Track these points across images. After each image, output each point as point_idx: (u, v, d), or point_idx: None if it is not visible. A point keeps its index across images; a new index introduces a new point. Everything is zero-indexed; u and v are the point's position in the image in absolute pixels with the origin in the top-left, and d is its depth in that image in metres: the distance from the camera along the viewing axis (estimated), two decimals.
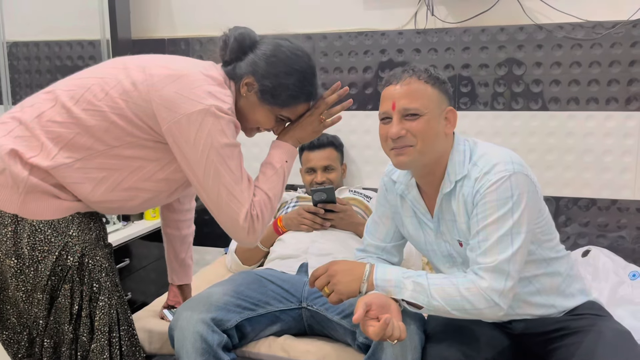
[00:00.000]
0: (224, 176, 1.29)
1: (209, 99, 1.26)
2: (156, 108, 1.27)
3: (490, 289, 1.24)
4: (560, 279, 1.42)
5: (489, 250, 1.25)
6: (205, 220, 2.74)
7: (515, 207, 1.25)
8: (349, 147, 2.44)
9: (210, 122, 1.26)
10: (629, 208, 2.17)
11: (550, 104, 2.20)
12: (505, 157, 1.29)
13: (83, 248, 1.32)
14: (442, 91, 1.34)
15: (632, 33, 2.07)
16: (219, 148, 1.27)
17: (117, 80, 1.30)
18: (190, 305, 1.49)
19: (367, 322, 1.25)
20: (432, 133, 1.31)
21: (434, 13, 2.24)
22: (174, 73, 1.29)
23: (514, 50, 2.20)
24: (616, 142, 2.15)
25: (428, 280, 1.29)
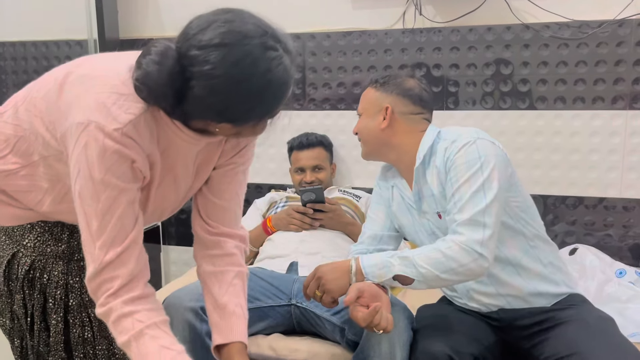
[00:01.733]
0: (82, 219, 1.03)
1: (95, 113, 0.99)
2: (57, 110, 1.06)
3: (470, 240, 1.30)
4: (542, 266, 1.46)
5: (464, 207, 1.33)
6: None
7: (484, 166, 1.35)
8: (338, 147, 2.44)
9: (84, 141, 0.99)
10: (615, 206, 2.19)
11: (538, 103, 2.21)
12: (471, 130, 1.45)
13: (34, 261, 1.21)
14: (385, 91, 1.53)
15: (618, 32, 2.09)
16: (83, 180, 1.01)
17: (48, 79, 1.12)
18: (179, 295, 1.49)
19: (356, 307, 1.28)
20: (366, 129, 1.54)
21: (422, 13, 2.25)
22: (88, 73, 1.07)
23: (502, 49, 2.22)
24: (602, 140, 2.17)
25: (412, 252, 1.35)
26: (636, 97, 2.11)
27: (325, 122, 2.45)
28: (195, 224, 1.27)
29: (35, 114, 1.11)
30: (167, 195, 1.18)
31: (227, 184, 1.24)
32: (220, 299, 1.22)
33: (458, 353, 1.31)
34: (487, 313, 1.48)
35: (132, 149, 1.02)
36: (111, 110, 1.00)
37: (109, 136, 0.99)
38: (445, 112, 2.29)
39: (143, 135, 1.04)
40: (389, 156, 1.55)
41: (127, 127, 1.00)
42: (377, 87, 1.55)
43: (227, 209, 1.25)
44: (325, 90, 2.44)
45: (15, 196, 1.19)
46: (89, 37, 2.46)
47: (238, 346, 1.19)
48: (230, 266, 1.25)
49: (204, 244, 1.26)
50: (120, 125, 0.99)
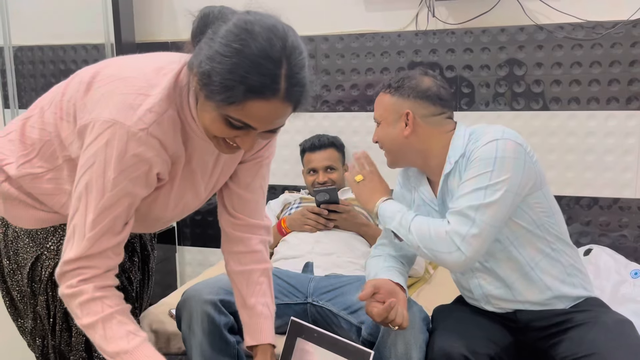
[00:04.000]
0: (81, 207, 1.06)
1: (121, 112, 1.01)
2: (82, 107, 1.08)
3: (453, 231, 1.31)
4: (562, 268, 1.44)
5: (461, 198, 1.34)
6: (209, 222, 2.77)
7: (497, 169, 1.32)
8: (351, 148, 2.45)
9: (106, 138, 1.01)
10: (631, 207, 2.18)
11: (552, 104, 2.21)
12: (499, 128, 1.39)
13: (57, 263, 1.21)
14: (402, 96, 1.46)
15: (632, 33, 2.09)
16: (94, 174, 1.04)
17: (74, 81, 1.15)
18: (199, 288, 1.51)
19: (372, 303, 1.30)
20: (387, 138, 1.48)
21: (435, 14, 2.25)
22: (115, 74, 1.09)
23: (515, 50, 2.22)
24: (617, 141, 2.17)
25: (414, 217, 1.41)
26: None
27: (339, 124, 2.47)
28: (222, 220, 1.33)
29: (61, 117, 1.14)
30: (185, 191, 1.21)
31: (253, 177, 1.29)
32: (248, 300, 1.30)
33: (474, 354, 1.32)
34: (503, 314, 1.49)
35: (155, 150, 1.04)
36: (137, 111, 1.02)
37: (133, 137, 1.01)
38: (458, 113, 2.29)
39: (167, 134, 1.06)
40: (416, 162, 1.50)
41: (152, 127, 1.02)
42: (392, 92, 1.47)
43: (253, 201, 1.31)
44: (338, 92, 2.45)
45: (41, 199, 1.22)
46: (106, 41, 2.49)
47: (263, 348, 1.29)
48: (255, 264, 1.32)
49: (230, 240, 1.33)
50: (146, 126, 1.02)
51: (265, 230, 1.35)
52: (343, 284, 1.71)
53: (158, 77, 1.07)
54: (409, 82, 1.46)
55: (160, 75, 1.08)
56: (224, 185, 1.31)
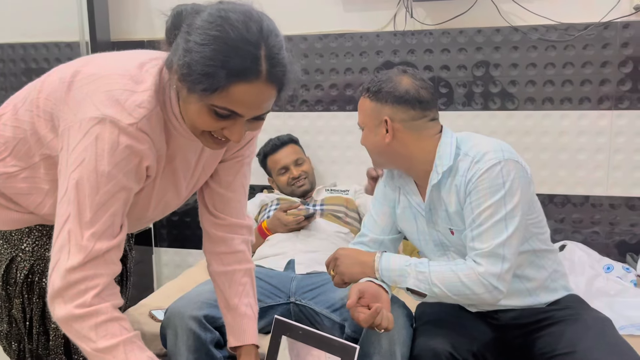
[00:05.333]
0: (73, 210, 1.00)
1: (109, 108, 1.00)
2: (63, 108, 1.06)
3: (488, 273, 1.29)
4: (547, 274, 1.46)
5: (484, 236, 1.31)
6: (186, 223, 2.74)
7: (508, 193, 1.31)
8: (329, 149, 2.47)
9: (95, 134, 0.99)
10: (602, 204, 2.25)
11: (527, 104, 2.26)
12: (495, 145, 1.35)
13: (34, 265, 1.21)
14: (378, 101, 1.40)
15: (604, 35, 2.15)
16: (85, 171, 0.99)
17: (53, 78, 1.12)
18: (181, 304, 1.50)
19: (358, 309, 1.29)
20: (369, 143, 1.45)
21: (413, 15, 2.28)
22: (97, 72, 1.06)
23: (491, 51, 2.26)
24: (589, 140, 2.23)
25: (429, 267, 1.35)
26: (621, 98, 2.17)
27: (317, 124, 2.48)
28: (203, 220, 1.31)
29: (38, 114, 1.11)
30: (167, 190, 1.20)
31: (234, 176, 1.28)
32: (231, 301, 1.29)
33: (458, 350, 1.34)
34: (485, 312, 1.51)
35: (145, 144, 1.03)
36: (125, 106, 1.00)
37: (124, 131, 0.99)
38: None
39: (155, 130, 1.05)
40: (402, 166, 1.47)
41: (141, 122, 1.01)
42: (371, 97, 1.42)
43: (234, 200, 1.30)
44: (317, 91, 2.46)
45: (15, 199, 1.19)
46: (81, 39, 2.45)
47: (247, 348, 1.29)
48: (238, 264, 1.31)
49: (212, 240, 1.31)
50: (135, 120, 1.00)
51: (247, 230, 1.34)
52: (325, 282, 1.72)
53: (142, 74, 1.06)
54: (386, 85, 1.40)
55: (144, 72, 1.07)
56: (205, 185, 1.30)
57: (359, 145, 2.41)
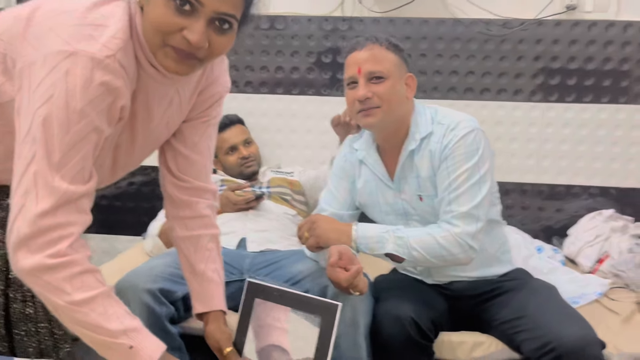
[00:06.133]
0: (40, 150, 0.90)
1: (81, 41, 0.91)
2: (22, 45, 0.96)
3: (464, 233, 1.35)
4: (498, 245, 1.54)
5: (461, 198, 1.37)
6: (115, 207, 2.61)
7: (481, 159, 1.38)
8: (273, 132, 2.45)
9: (65, 69, 0.90)
10: (532, 191, 2.39)
11: (466, 93, 2.36)
12: (465, 116, 1.45)
13: None
14: (402, 58, 1.46)
15: (537, 31, 2.29)
16: (55, 108, 0.90)
17: (6, 17, 1.02)
18: (134, 277, 1.42)
19: (336, 269, 1.29)
20: (395, 96, 1.42)
21: (360, 2, 2.32)
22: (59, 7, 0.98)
23: (435, 41, 2.34)
24: (522, 130, 2.36)
25: (407, 233, 1.38)
26: (551, 91, 2.33)
27: (262, 106, 2.45)
28: (165, 183, 1.24)
29: None
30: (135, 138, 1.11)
31: (200, 137, 1.22)
32: (197, 266, 1.23)
33: (420, 317, 1.38)
34: (440, 284, 1.56)
35: (121, 79, 0.95)
36: (98, 39, 0.92)
37: (99, 65, 0.91)
38: None
39: (130, 63, 0.97)
40: (391, 128, 1.46)
41: (119, 54, 0.93)
42: (394, 50, 1.44)
43: (199, 163, 1.23)
44: (262, 73, 2.43)
45: None
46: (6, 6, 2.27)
47: (215, 314, 1.23)
48: (203, 229, 1.25)
49: (175, 204, 1.24)
50: (112, 52, 0.92)
51: (212, 195, 1.28)
52: (280, 258, 1.70)
53: (109, 7, 0.98)
54: (402, 46, 1.47)
55: (112, 5, 0.98)
56: (168, 146, 1.23)
57: (303, 129, 2.46)
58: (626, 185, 2.34)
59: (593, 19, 2.25)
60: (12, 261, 0.93)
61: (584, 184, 2.36)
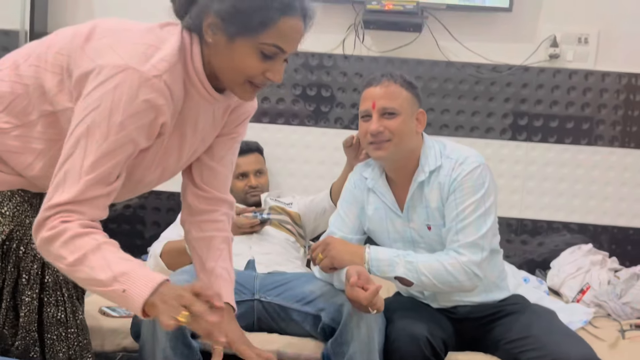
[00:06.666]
0: (78, 150, 1.01)
1: (134, 59, 1.01)
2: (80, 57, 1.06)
3: (470, 262, 1.43)
4: (497, 272, 1.64)
5: (468, 229, 1.46)
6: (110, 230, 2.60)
7: (487, 193, 1.48)
8: (272, 161, 2.52)
9: (116, 82, 1.00)
10: (516, 225, 2.52)
11: (457, 130, 2.51)
12: (473, 151, 1.55)
13: (12, 230, 1.19)
14: (414, 95, 1.56)
15: (523, 76, 2.47)
16: (98, 118, 1.00)
17: (65, 34, 1.13)
18: None
19: (354, 288, 1.36)
20: (406, 131, 1.52)
21: (362, 41, 2.45)
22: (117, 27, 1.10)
23: (429, 81, 2.49)
24: (508, 167, 2.51)
25: (417, 258, 1.46)
26: (535, 131, 2.49)
27: (262, 135, 2.52)
28: (187, 193, 1.33)
29: (46, 68, 1.10)
30: (171, 151, 1.20)
31: (227, 151, 1.33)
32: (207, 263, 1.31)
33: (433, 337, 1.45)
34: (445, 308, 1.64)
35: (164, 99, 1.04)
36: (150, 59, 1.03)
37: (146, 83, 1.01)
38: None
39: (177, 85, 1.07)
40: (401, 161, 1.55)
41: (165, 75, 1.03)
42: (407, 88, 1.54)
43: (223, 174, 1.34)
44: (264, 104, 2.53)
45: (4, 157, 1.14)
46: (21, 28, 2.32)
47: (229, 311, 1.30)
48: (217, 232, 1.34)
49: (193, 213, 1.33)
50: (160, 73, 1.03)
51: (228, 205, 1.37)
52: (290, 279, 1.75)
53: (164, 33, 1.10)
54: (415, 83, 1.57)
55: (165, 30, 1.11)
56: (196, 159, 1.32)
57: (301, 158, 2.54)
58: (602, 222, 2.50)
59: (574, 68, 2.45)
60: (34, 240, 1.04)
61: (564, 220, 2.51)
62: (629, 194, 2.48)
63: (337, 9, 2.42)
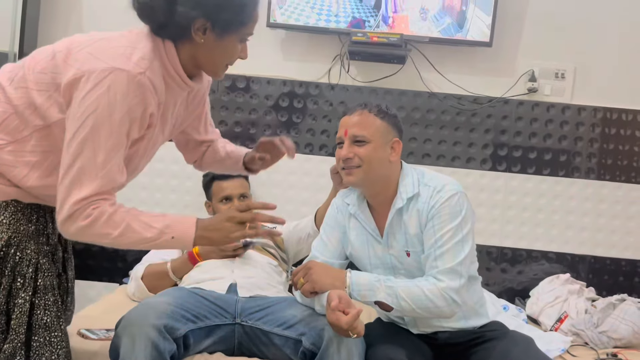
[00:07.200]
0: (86, 150, 1.16)
1: (118, 61, 1.16)
2: (64, 69, 1.19)
3: (449, 288, 1.46)
4: (476, 299, 1.67)
5: (446, 255, 1.48)
6: (91, 252, 2.60)
7: (464, 220, 1.51)
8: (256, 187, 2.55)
9: (107, 84, 1.14)
10: (497, 254, 2.56)
11: (439, 160, 2.56)
12: (451, 179, 1.59)
13: (10, 237, 1.26)
14: (391, 124, 1.59)
15: (503, 108, 2.55)
16: (99, 118, 1.15)
17: (45, 54, 1.25)
18: (140, 312, 1.45)
19: (335, 312, 1.38)
20: (376, 158, 1.55)
21: (348, 71, 2.52)
22: (92, 37, 1.24)
23: (412, 111, 2.55)
24: (488, 196, 2.56)
25: (397, 283, 1.48)
26: (514, 162, 2.56)
27: None
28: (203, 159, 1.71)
29: (32, 88, 1.22)
30: (158, 135, 1.35)
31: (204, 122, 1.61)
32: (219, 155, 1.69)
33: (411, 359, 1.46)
34: (424, 334, 1.65)
35: (149, 92, 1.20)
36: (131, 59, 1.18)
37: (133, 80, 1.16)
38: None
39: (157, 79, 1.24)
40: (376, 187, 1.58)
41: (148, 71, 1.19)
42: (382, 116, 1.57)
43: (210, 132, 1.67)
44: (251, 130, 2.56)
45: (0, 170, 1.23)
46: (10, 50, 2.34)
47: None
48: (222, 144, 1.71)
49: None
50: (143, 70, 1.18)
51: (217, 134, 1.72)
52: (271, 303, 1.76)
53: (132, 36, 1.26)
54: (392, 111, 1.60)
55: (133, 34, 1.26)
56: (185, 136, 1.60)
57: (286, 184, 2.57)
58: (580, 252, 2.55)
59: (551, 101, 2.53)
60: (62, 231, 1.22)
61: (542, 249, 2.56)
62: (605, 225, 2.54)
63: (324, 39, 2.49)
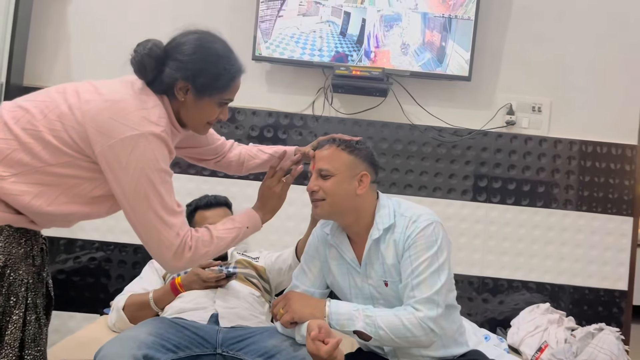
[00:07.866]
0: (153, 200, 1.36)
1: (144, 125, 1.34)
2: (90, 132, 1.33)
3: (426, 317, 1.47)
4: (455, 327, 1.69)
5: (422, 285, 1.50)
6: (73, 282, 2.58)
7: (440, 249, 1.54)
8: None
9: (142, 147, 1.33)
10: (478, 284, 2.59)
11: (420, 190, 2.61)
12: (426, 209, 1.62)
13: (7, 259, 1.33)
14: (359, 157, 1.61)
15: (483, 140, 2.61)
16: (149, 173, 1.35)
17: (56, 104, 1.37)
18: (119, 343, 1.45)
19: (315, 342, 1.39)
20: (340, 191, 1.58)
21: (331, 104, 2.57)
22: (107, 99, 1.36)
23: (393, 142, 2.61)
24: (469, 226, 2.61)
25: (375, 312, 1.49)
26: (494, 193, 2.61)
27: (232, 190, 2.58)
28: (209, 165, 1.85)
29: (41, 129, 1.34)
30: None
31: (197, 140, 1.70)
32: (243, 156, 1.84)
33: None
34: None
35: (169, 141, 1.40)
36: (150, 120, 1.36)
37: (159, 137, 1.36)
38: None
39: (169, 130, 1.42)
40: (347, 219, 1.60)
41: (165, 128, 1.38)
42: (350, 151, 1.59)
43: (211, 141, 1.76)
44: None
45: (5, 198, 1.31)
46: None
47: None
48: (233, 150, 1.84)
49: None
50: (163, 127, 1.38)
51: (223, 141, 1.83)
52: (252, 333, 1.76)
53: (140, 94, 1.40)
54: (363, 146, 1.63)
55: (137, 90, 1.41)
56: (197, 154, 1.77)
57: None
58: (559, 281, 2.59)
59: (529, 134, 2.60)
60: (172, 268, 1.49)
61: (523, 278, 2.60)
62: (583, 255, 2.59)
63: (308, 72, 2.55)
